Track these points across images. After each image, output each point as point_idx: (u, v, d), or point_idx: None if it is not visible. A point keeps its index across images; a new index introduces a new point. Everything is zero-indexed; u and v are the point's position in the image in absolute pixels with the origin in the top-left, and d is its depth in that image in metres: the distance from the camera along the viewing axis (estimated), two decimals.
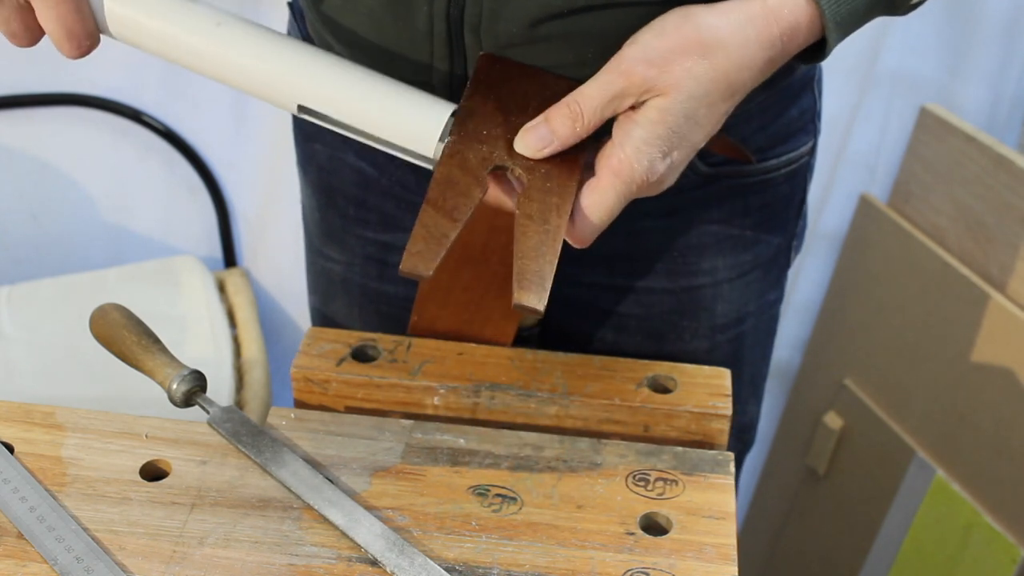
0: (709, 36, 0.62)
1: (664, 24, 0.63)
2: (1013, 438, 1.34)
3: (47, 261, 1.57)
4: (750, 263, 0.86)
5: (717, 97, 0.63)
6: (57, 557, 0.63)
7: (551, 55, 0.69)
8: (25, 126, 1.47)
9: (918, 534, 1.48)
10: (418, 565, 0.63)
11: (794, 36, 0.63)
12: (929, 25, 1.42)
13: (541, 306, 0.63)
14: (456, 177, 0.65)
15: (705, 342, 0.88)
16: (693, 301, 0.86)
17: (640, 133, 0.63)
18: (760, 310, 0.90)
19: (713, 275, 0.85)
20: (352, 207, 0.90)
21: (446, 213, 0.64)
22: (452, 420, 0.78)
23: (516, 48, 0.69)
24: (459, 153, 0.66)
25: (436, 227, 0.64)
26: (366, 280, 0.93)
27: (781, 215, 0.87)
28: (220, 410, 0.73)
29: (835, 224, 1.57)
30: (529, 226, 0.64)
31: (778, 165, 0.83)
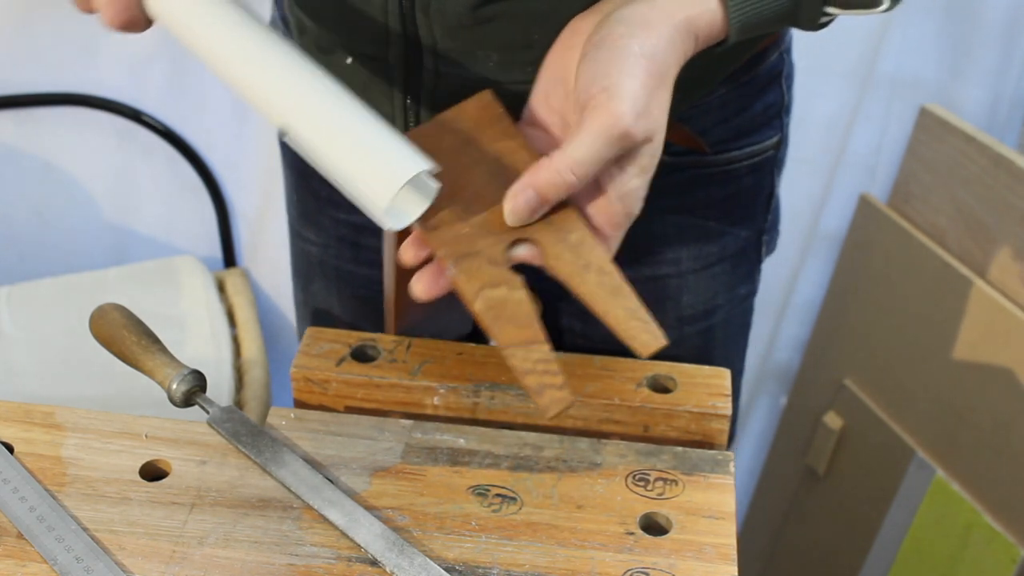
0: (662, 64, 0.61)
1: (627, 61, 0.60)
2: (1013, 438, 1.34)
3: (49, 261, 1.57)
4: (716, 255, 0.87)
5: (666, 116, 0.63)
6: (57, 557, 0.63)
7: (498, 36, 0.69)
8: (26, 126, 1.47)
9: (918, 534, 1.48)
10: (418, 565, 0.63)
11: (704, 44, 0.63)
12: (929, 25, 1.42)
13: (661, 340, 0.61)
14: (494, 298, 0.62)
15: (672, 333, 0.88)
16: (658, 291, 0.87)
17: (636, 183, 0.62)
18: (730, 303, 0.91)
19: (677, 265, 0.86)
20: (325, 187, 0.89)
21: (522, 337, 0.61)
22: (452, 420, 0.78)
23: (465, 30, 0.69)
24: (473, 275, 0.62)
25: (533, 361, 0.61)
26: (341, 262, 0.93)
27: (747, 208, 0.87)
28: (220, 410, 0.73)
29: (835, 224, 1.57)
30: (586, 279, 0.62)
31: (740, 157, 0.84)
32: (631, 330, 0.62)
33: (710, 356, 0.92)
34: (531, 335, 0.61)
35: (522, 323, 0.62)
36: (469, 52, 0.72)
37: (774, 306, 1.63)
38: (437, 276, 0.63)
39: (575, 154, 0.60)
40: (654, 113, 0.61)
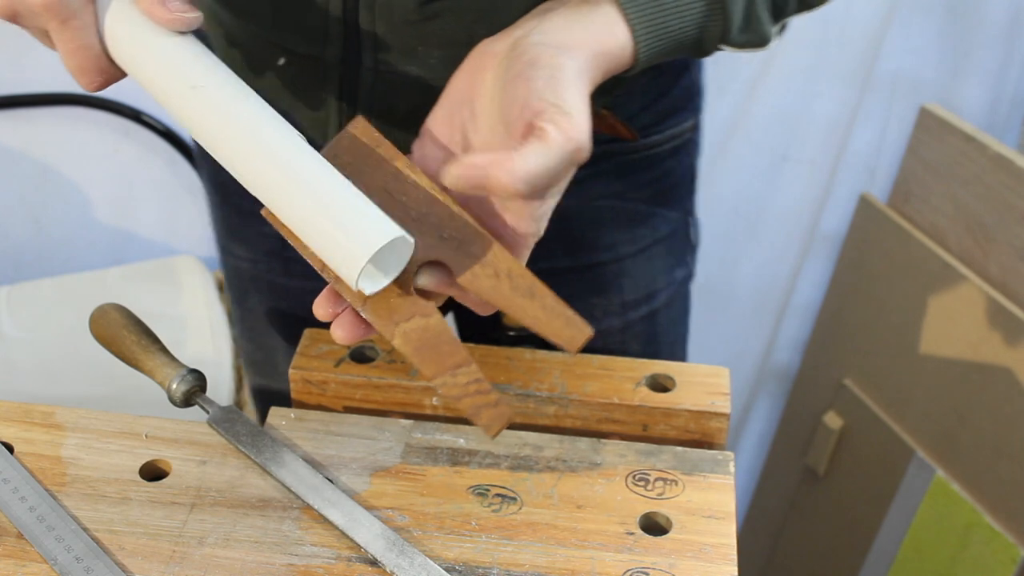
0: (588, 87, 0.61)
1: (567, 73, 0.60)
2: (1013, 438, 1.34)
3: (48, 261, 1.57)
4: (649, 236, 0.89)
5: None
6: (57, 557, 0.63)
7: (441, 33, 0.69)
8: (26, 126, 1.47)
9: (918, 534, 1.48)
10: (418, 565, 0.63)
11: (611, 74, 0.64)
12: (929, 25, 1.42)
13: (587, 332, 0.60)
14: (413, 331, 0.61)
15: (617, 320, 0.90)
16: (599, 278, 0.88)
17: (552, 204, 0.61)
18: (669, 287, 0.93)
19: (614, 251, 0.87)
20: (246, 201, 0.88)
21: (451, 365, 0.60)
22: (451, 420, 0.78)
23: (409, 25, 0.69)
24: (387, 313, 0.61)
25: (464, 384, 0.60)
26: (273, 276, 0.93)
27: (673, 190, 0.90)
28: (220, 410, 0.73)
29: (835, 224, 1.58)
30: (500, 288, 0.61)
31: (661, 140, 0.86)
32: (555, 328, 0.60)
33: (656, 342, 0.93)
34: (455, 360, 0.61)
35: (443, 350, 0.61)
36: (411, 49, 0.71)
37: (774, 306, 1.63)
38: (355, 320, 0.63)
39: (531, 165, 0.57)
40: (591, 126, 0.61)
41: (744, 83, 1.42)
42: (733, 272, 1.60)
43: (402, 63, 0.72)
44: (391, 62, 0.72)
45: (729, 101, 1.43)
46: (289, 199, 0.61)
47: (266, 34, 0.74)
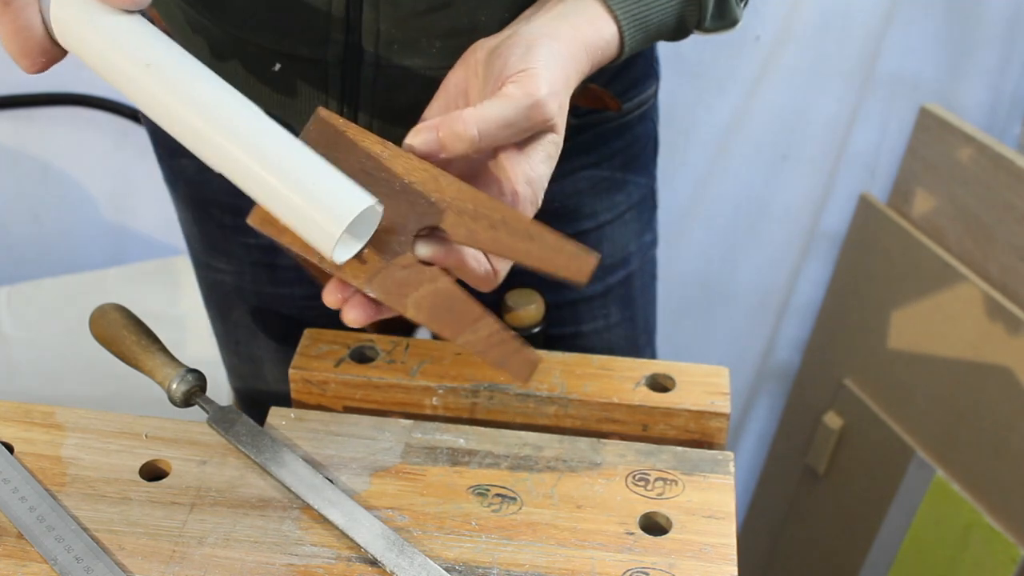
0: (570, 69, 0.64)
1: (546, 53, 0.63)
2: (1013, 438, 1.34)
3: (48, 261, 1.57)
4: (624, 203, 0.91)
5: None
6: (57, 557, 0.63)
7: (446, 22, 0.69)
8: (26, 126, 1.47)
9: (918, 534, 1.48)
10: (418, 565, 0.63)
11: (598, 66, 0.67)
12: (929, 25, 1.42)
13: (593, 259, 0.61)
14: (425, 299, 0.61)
15: (599, 285, 0.93)
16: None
17: (542, 170, 0.63)
18: (641, 251, 0.96)
19: (595, 218, 0.89)
20: (228, 216, 0.89)
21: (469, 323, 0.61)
22: (450, 420, 0.78)
23: (414, 18, 0.69)
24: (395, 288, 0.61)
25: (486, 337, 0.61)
26: (258, 286, 0.93)
27: (641, 156, 0.93)
28: (220, 410, 0.73)
29: (835, 224, 1.58)
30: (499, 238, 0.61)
31: (631, 108, 0.88)
32: (561, 263, 0.61)
33: (633, 305, 0.97)
34: (472, 316, 0.61)
35: (458, 309, 0.61)
36: (414, 42, 0.71)
37: (774, 306, 1.63)
38: (365, 301, 0.63)
39: (483, 112, 0.60)
40: (563, 104, 0.63)
41: (744, 83, 1.42)
42: (733, 272, 1.60)
43: (404, 56, 0.72)
44: (393, 56, 0.72)
45: (729, 101, 1.43)
46: (255, 175, 0.60)
47: (264, 41, 0.73)
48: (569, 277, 0.61)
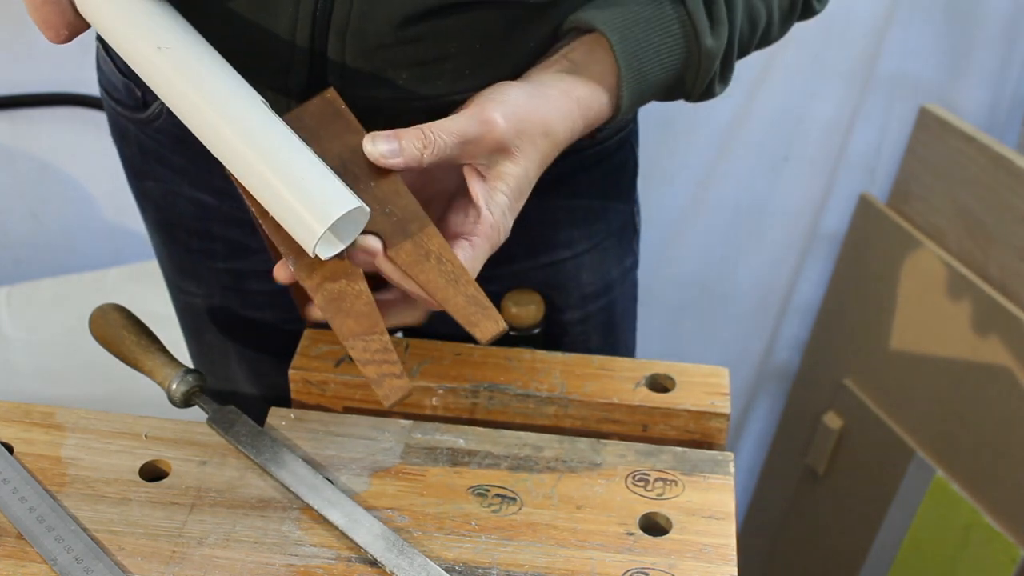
0: (549, 120, 0.68)
1: (515, 96, 0.67)
2: (1013, 438, 1.34)
3: (47, 261, 1.57)
4: (603, 232, 0.91)
5: (541, 170, 0.69)
6: (56, 557, 0.63)
7: (415, 54, 0.69)
8: (25, 126, 1.47)
9: (918, 534, 1.48)
10: (418, 565, 0.63)
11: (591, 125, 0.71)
12: (928, 26, 1.42)
13: (500, 325, 0.63)
14: (334, 292, 0.63)
15: (577, 312, 0.92)
16: (559, 274, 0.90)
17: (504, 200, 0.66)
18: (622, 276, 0.95)
19: (572, 247, 0.89)
20: (195, 239, 0.89)
21: (364, 330, 0.63)
22: (450, 420, 0.78)
23: (383, 50, 0.69)
24: (315, 270, 0.63)
25: (373, 351, 0.62)
26: (230, 310, 0.92)
27: (621, 183, 0.92)
28: (220, 410, 0.73)
29: (835, 224, 1.57)
30: (425, 268, 0.63)
31: (608, 135, 0.88)
32: (471, 317, 0.63)
33: (614, 330, 0.96)
34: (369, 326, 0.63)
35: (360, 314, 0.63)
36: (380, 72, 0.70)
37: (774, 306, 1.63)
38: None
39: (442, 123, 0.64)
40: (524, 137, 0.66)
41: (744, 84, 1.42)
42: (733, 272, 1.60)
43: (371, 87, 0.71)
44: (359, 88, 0.71)
45: (729, 102, 1.43)
46: (251, 165, 0.62)
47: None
48: (474, 333, 0.63)
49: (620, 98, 0.70)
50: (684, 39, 0.71)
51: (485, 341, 0.63)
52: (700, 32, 0.71)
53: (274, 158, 0.62)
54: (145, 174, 0.89)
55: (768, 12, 0.77)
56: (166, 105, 0.66)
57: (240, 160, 0.62)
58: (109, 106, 0.88)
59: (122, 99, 0.85)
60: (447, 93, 0.71)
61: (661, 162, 1.46)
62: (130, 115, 0.86)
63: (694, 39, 0.71)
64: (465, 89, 0.70)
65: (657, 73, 0.72)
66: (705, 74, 0.73)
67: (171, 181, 0.86)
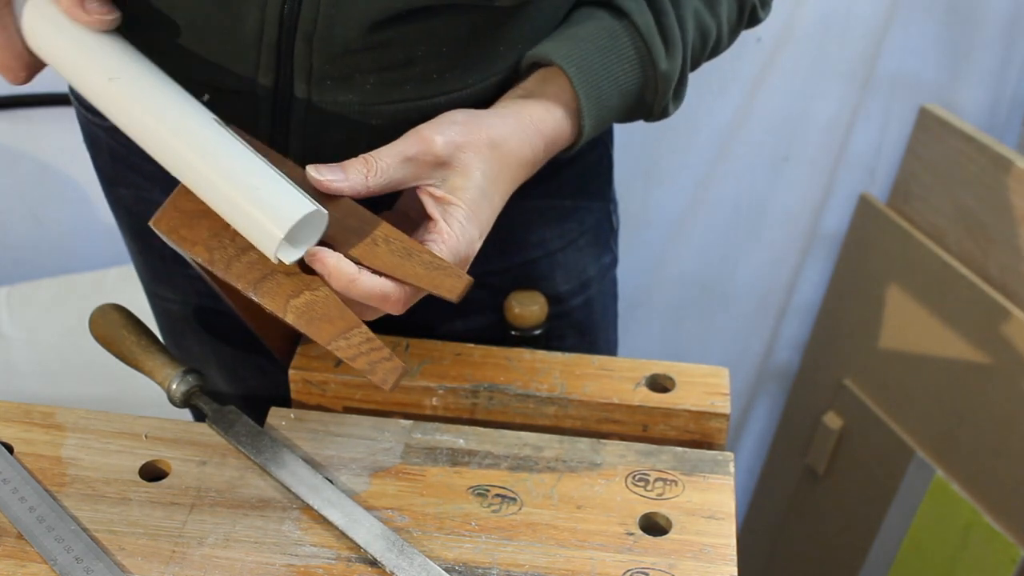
0: (494, 134, 0.69)
1: (455, 116, 0.69)
2: (1013, 438, 1.34)
3: (47, 261, 1.57)
4: (576, 230, 0.91)
5: (502, 184, 0.70)
6: (56, 557, 0.63)
7: (382, 59, 0.69)
8: (25, 126, 1.47)
9: (918, 534, 1.48)
10: (417, 565, 0.63)
11: (555, 146, 0.73)
12: (929, 25, 1.42)
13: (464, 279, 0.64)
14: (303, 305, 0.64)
15: (555, 309, 0.92)
16: (532, 273, 0.90)
17: (461, 212, 0.67)
18: (600, 274, 0.95)
19: (544, 247, 0.89)
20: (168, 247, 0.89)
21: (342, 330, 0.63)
22: (450, 420, 0.78)
23: (350, 55, 0.69)
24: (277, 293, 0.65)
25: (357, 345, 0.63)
26: (206, 316, 0.92)
27: (595, 180, 0.93)
28: (220, 410, 0.73)
29: (835, 224, 1.57)
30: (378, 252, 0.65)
31: None
32: (435, 280, 0.64)
33: (594, 328, 0.96)
34: (345, 324, 0.64)
35: (333, 316, 0.64)
36: (347, 77, 0.70)
37: (774, 306, 1.63)
38: None
39: (381, 149, 0.66)
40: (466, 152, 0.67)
41: (744, 84, 1.42)
42: (733, 272, 1.60)
43: (338, 92, 0.71)
44: (325, 92, 0.71)
45: (729, 102, 1.43)
46: (208, 179, 0.64)
47: (192, 72, 0.71)
48: (443, 294, 0.64)
49: (582, 125, 0.72)
50: (640, 64, 0.74)
51: (455, 297, 0.64)
52: (656, 57, 0.73)
53: (230, 170, 0.64)
54: (117, 180, 0.89)
55: (718, 25, 0.79)
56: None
57: (197, 176, 0.64)
58: (80, 113, 0.90)
59: (91, 106, 0.85)
60: (414, 98, 0.71)
61: (661, 162, 1.46)
62: (100, 122, 0.86)
63: (650, 64, 0.74)
64: (432, 94, 0.71)
65: (616, 99, 0.74)
66: (663, 96, 0.75)
67: (143, 187, 0.86)
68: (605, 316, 0.99)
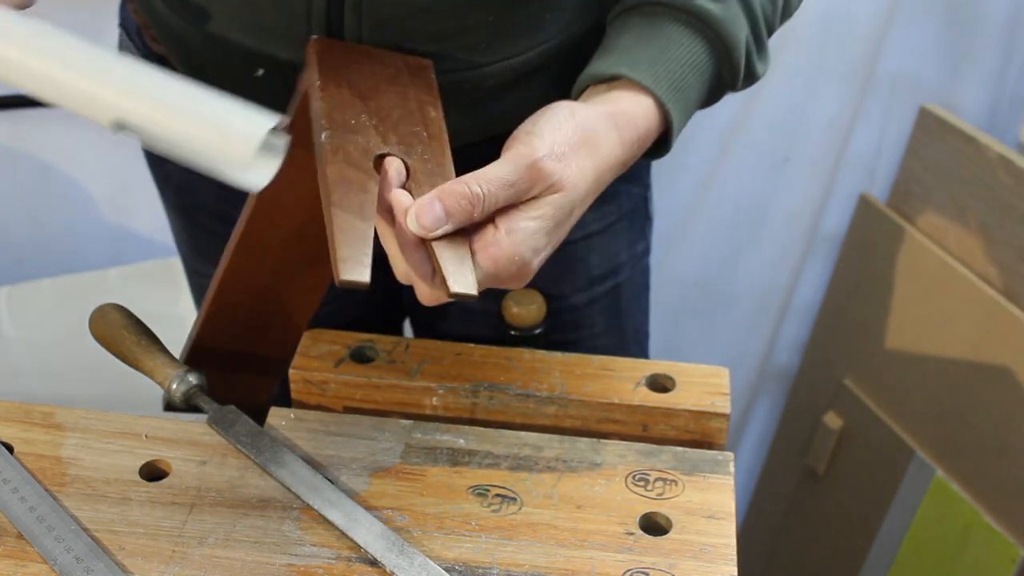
0: (591, 135, 0.65)
1: (558, 118, 0.65)
2: (1013, 438, 1.34)
3: (48, 261, 1.57)
4: (615, 213, 0.91)
5: (590, 196, 0.66)
6: (57, 557, 0.63)
7: (429, 26, 0.69)
8: (25, 126, 1.47)
9: (918, 534, 1.48)
10: (418, 565, 0.63)
11: (646, 140, 0.70)
12: (929, 25, 1.42)
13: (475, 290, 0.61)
14: (349, 175, 0.62)
15: (583, 295, 0.92)
16: (568, 255, 0.89)
17: (530, 225, 0.62)
18: (632, 261, 0.95)
19: (582, 228, 0.88)
20: (216, 222, 0.89)
21: (356, 213, 0.61)
22: (451, 420, 0.78)
23: (398, 23, 0.69)
24: (340, 148, 0.63)
25: (353, 229, 0.60)
26: None
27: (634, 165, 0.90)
28: (220, 410, 0.73)
29: (835, 224, 1.57)
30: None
31: None
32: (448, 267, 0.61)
33: (620, 315, 0.96)
34: (363, 212, 0.61)
35: (360, 199, 0.61)
36: (396, 45, 0.71)
37: (774, 306, 1.63)
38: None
39: (485, 172, 0.61)
40: (571, 167, 0.63)
41: None
42: (734, 273, 1.60)
43: None
44: None
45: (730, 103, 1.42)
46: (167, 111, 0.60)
47: (246, 44, 0.73)
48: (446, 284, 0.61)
49: (666, 111, 0.69)
50: (705, 41, 0.70)
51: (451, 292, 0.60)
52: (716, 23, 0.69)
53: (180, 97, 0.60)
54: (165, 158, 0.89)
55: None
56: None
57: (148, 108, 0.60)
58: None
59: None
60: (464, 67, 0.71)
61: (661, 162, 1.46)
62: None
63: (715, 38, 0.70)
64: (482, 62, 0.70)
65: (696, 83, 0.71)
66: (738, 61, 0.71)
67: None
68: (636, 303, 0.98)
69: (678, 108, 0.70)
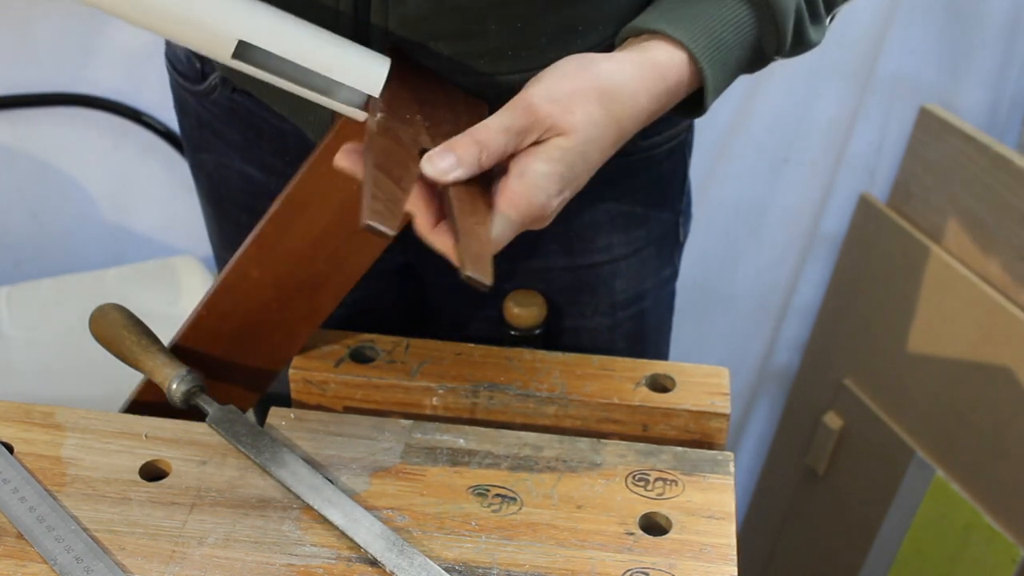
0: (607, 84, 0.65)
1: (565, 68, 0.65)
2: (1013, 438, 1.34)
3: (47, 261, 1.57)
4: (644, 239, 0.90)
5: (608, 142, 0.66)
6: (57, 557, 0.63)
7: (455, 25, 0.70)
8: (25, 126, 1.47)
9: (918, 534, 1.48)
10: (418, 565, 0.63)
11: (677, 94, 0.69)
12: (929, 26, 1.42)
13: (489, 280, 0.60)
14: (394, 149, 0.64)
15: (606, 319, 0.91)
16: (592, 277, 0.89)
17: (540, 168, 0.63)
18: (658, 287, 0.94)
19: (609, 252, 0.88)
20: (244, 214, 0.89)
21: (395, 180, 0.62)
22: (451, 420, 0.78)
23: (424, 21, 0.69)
24: (392, 129, 0.65)
25: (390, 191, 0.61)
26: None
27: (667, 191, 0.91)
28: (219, 410, 0.73)
29: (835, 224, 1.58)
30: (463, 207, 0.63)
31: (659, 142, 0.86)
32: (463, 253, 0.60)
33: (643, 340, 0.95)
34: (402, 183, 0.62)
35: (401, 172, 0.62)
36: (421, 45, 0.71)
37: (774, 307, 1.63)
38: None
39: (489, 122, 0.63)
40: (575, 112, 0.64)
41: (744, 85, 1.42)
42: (733, 273, 1.60)
43: (416, 59, 0.72)
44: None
45: (730, 103, 1.43)
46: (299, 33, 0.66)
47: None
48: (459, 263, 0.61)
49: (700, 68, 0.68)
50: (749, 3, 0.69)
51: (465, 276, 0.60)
52: None
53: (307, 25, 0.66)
54: (201, 146, 0.90)
55: None
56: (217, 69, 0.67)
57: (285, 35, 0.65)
58: (173, 78, 0.91)
59: (184, 71, 0.87)
60: (489, 72, 0.71)
61: None
62: (190, 87, 0.88)
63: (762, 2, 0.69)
64: (507, 71, 0.71)
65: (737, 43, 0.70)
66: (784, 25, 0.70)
67: (224, 154, 0.88)
68: (658, 331, 0.97)
69: (715, 66, 0.69)
